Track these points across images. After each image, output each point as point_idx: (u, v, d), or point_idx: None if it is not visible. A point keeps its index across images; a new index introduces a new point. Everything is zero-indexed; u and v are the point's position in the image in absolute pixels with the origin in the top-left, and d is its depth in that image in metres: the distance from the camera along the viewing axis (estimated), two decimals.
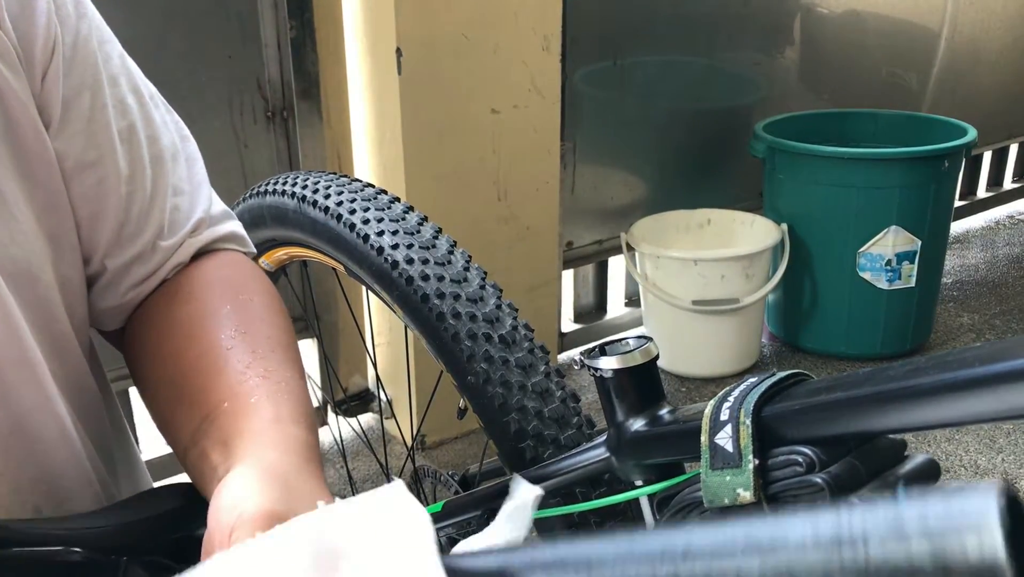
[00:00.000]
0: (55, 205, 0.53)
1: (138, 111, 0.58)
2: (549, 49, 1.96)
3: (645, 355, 0.54)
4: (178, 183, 0.60)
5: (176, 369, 0.55)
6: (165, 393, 0.56)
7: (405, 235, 0.73)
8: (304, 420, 0.50)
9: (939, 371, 0.37)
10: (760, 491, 0.43)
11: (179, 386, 0.54)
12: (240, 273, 0.61)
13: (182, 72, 1.67)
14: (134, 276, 0.59)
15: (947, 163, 2.33)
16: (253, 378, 0.51)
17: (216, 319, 0.56)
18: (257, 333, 0.55)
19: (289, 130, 1.85)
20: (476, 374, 0.65)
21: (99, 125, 0.55)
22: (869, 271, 2.37)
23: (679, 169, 2.62)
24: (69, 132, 0.54)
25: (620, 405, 0.55)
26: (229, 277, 0.60)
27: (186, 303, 0.58)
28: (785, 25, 2.71)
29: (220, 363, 0.53)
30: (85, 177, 0.55)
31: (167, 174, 0.59)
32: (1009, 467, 2.00)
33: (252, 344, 0.54)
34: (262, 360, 0.53)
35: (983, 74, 3.29)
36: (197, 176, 0.62)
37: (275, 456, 0.45)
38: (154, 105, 0.60)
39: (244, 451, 0.46)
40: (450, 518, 0.69)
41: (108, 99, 0.55)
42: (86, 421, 0.57)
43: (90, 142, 0.55)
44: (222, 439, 0.49)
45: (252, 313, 0.57)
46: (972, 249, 3.30)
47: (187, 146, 0.62)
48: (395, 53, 1.76)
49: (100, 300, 0.59)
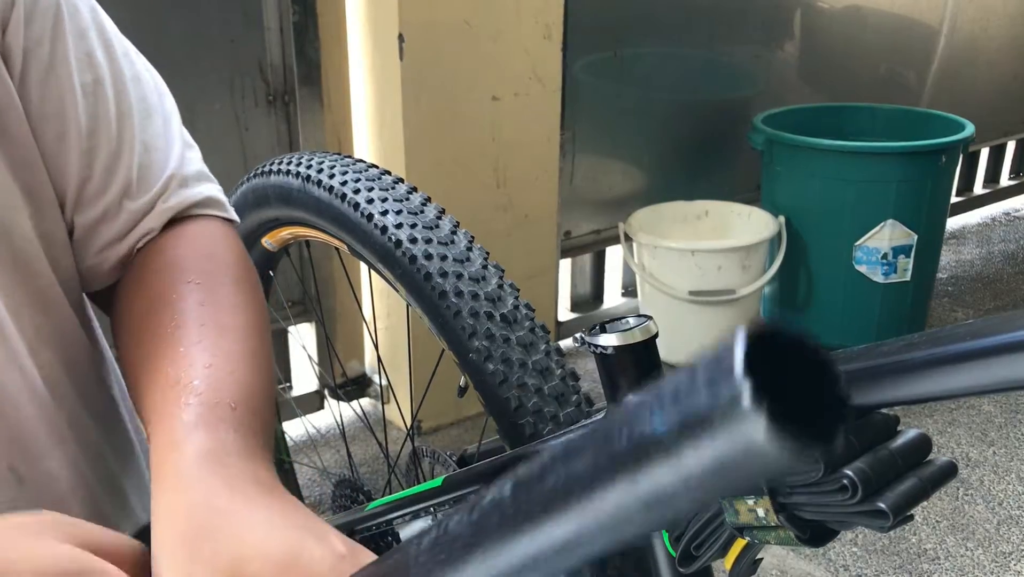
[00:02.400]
0: (30, 159, 0.52)
1: (107, 65, 0.56)
2: (550, 38, 1.96)
3: (645, 333, 0.55)
4: (151, 139, 0.58)
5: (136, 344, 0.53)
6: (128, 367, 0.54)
7: (409, 215, 0.74)
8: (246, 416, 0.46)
9: (931, 346, 0.38)
10: None
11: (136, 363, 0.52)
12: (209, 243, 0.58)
13: (183, 55, 1.67)
14: (103, 236, 0.57)
15: (944, 158, 2.34)
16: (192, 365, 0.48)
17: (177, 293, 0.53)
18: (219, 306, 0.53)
19: (290, 114, 1.85)
20: (477, 351, 0.66)
21: (59, 77, 0.54)
22: (865, 264, 2.39)
23: (678, 160, 2.62)
24: (28, 83, 0.53)
25: (620, 382, 0.55)
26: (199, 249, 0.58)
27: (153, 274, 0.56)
28: (785, 19, 2.72)
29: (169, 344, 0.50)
30: (45, 129, 0.53)
31: (135, 129, 0.57)
32: (1000, 459, 2.02)
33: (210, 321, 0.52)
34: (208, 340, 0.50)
35: (982, 71, 3.30)
36: (172, 133, 0.60)
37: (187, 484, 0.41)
38: (128, 61, 0.58)
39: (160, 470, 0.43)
40: (449, 493, 0.70)
41: (71, 52, 0.54)
42: (74, 375, 0.57)
43: (49, 94, 0.53)
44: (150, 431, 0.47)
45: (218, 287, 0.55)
46: (968, 245, 3.32)
47: (164, 102, 0.60)
48: (397, 39, 1.76)
49: (77, 259, 0.58)
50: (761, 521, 0.45)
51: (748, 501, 0.45)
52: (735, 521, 0.46)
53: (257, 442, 0.45)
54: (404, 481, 0.95)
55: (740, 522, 0.46)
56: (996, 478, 1.96)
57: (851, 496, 0.41)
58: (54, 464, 0.55)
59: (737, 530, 0.47)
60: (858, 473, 0.41)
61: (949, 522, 1.82)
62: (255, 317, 0.54)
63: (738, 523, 0.46)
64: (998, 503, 1.88)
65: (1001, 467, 2.00)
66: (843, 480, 0.41)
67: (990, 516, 1.84)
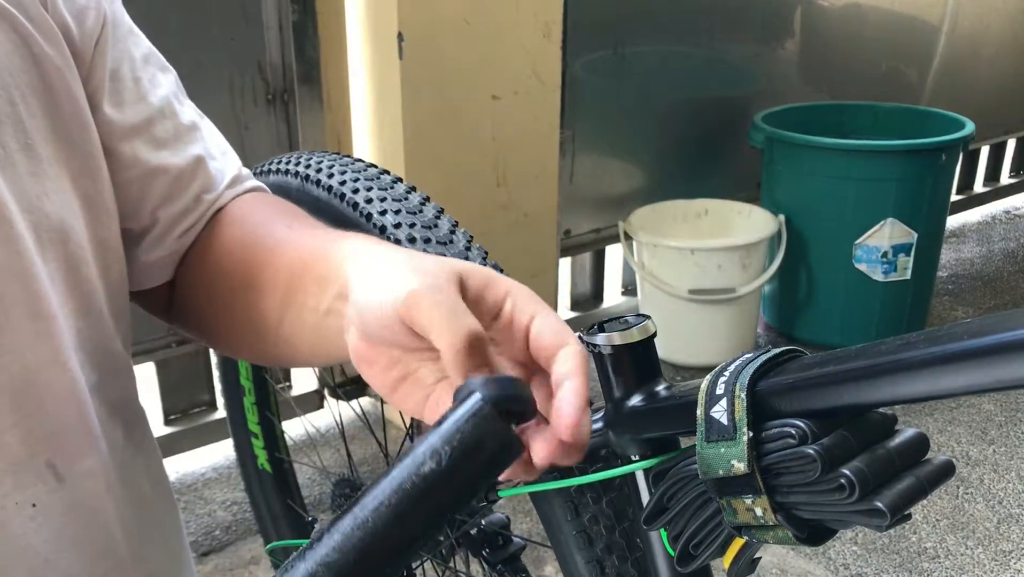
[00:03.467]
0: (91, 168, 0.56)
1: (169, 88, 0.64)
2: (550, 36, 1.96)
3: (643, 332, 0.55)
4: (210, 149, 0.66)
5: (243, 276, 0.61)
6: (239, 305, 0.61)
7: (408, 214, 0.74)
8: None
9: (929, 345, 0.38)
10: (753, 462, 0.44)
11: (250, 287, 0.60)
12: (275, 200, 0.69)
13: (183, 53, 1.67)
14: (181, 226, 0.64)
15: (944, 156, 2.34)
16: (320, 237, 0.58)
17: (269, 223, 0.63)
18: (311, 222, 0.63)
19: (289, 113, 1.85)
20: None
21: (141, 94, 0.61)
22: (865, 263, 2.39)
23: (678, 159, 2.62)
24: (117, 99, 0.59)
25: (618, 381, 0.55)
26: (267, 201, 0.68)
27: (233, 225, 0.64)
28: (786, 17, 2.71)
29: (285, 244, 0.59)
30: (136, 138, 0.60)
31: (202, 140, 0.65)
32: (1000, 458, 2.02)
33: (310, 224, 0.62)
34: (323, 229, 0.60)
35: (982, 69, 3.30)
36: (222, 144, 0.69)
37: (386, 247, 0.52)
38: (178, 86, 0.66)
39: (351, 265, 0.52)
40: None
41: (143, 73, 0.61)
42: (106, 384, 0.59)
43: (136, 108, 0.60)
44: (315, 282, 0.54)
45: (298, 216, 0.64)
46: (968, 243, 3.32)
47: (205, 121, 0.68)
48: (397, 38, 1.76)
49: (149, 252, 0.64)
50: (759, 520, 0.45)
51: (746, 500, 0.45)
52: (733, 520, 0.46)
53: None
54: None
55: (738, 521, 0.46)
56: (996, 476, 1.96)
57: (848, 495, 0.41)
58: (90, 464, 0.56)
59: (735, 529, 0.47)
60: (855, 472, 0.41)
61: (949, 520, 1.82)
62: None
63: (736, 522, 0.46)
64: (998, 501, 1.88)
65: (1001, 465, 2.00)
66: (840, 479, 0.41)
67: (990, 514, 1.84)
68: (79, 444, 0.55)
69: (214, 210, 0.65)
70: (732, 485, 0.45)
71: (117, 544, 0.58)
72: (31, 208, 0.52)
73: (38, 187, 0.52)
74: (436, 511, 0.39)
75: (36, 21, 0.52)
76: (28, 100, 0.52)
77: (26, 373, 0.52)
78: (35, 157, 0.52)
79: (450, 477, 0.39)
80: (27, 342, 0.51)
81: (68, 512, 0.55)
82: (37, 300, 0.52)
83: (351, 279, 0.50)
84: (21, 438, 0.52)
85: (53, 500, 0.54)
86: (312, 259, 0.56)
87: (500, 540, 0.80)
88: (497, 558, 0.79)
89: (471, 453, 0.40)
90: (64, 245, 0.54)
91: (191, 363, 1.97)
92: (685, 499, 0.50)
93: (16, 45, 0.51)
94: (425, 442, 0.40)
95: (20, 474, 0.52)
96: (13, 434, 0.52)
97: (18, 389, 0.51)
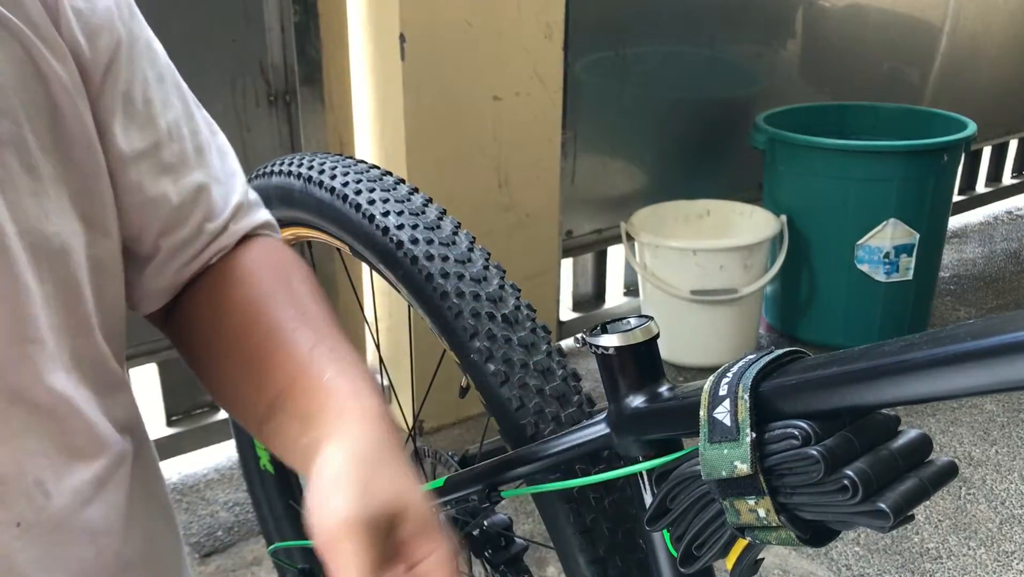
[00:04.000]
0: (91, 190, 0.56)
1: (181, 108, 0.63)
2: (552, 37, 1.96)
3: (646, 333, 0.55)
4: (216, 173, 0.65)
5: (239, 349, 0.61)
6: (230, 372, 0.62)
7: (410, 215, 0.74)
8: (375, 392, 0.57)
9: (932, 346, 0.38)
10: (756, 463, 0.44)
11: (245, 366, 0.60)
12: (282, 257, 0.67)
13: (184, 54, 1.66)
14: (184, 256, 0.64)
15: (946, 157, 2.34)
16: (321, 357, 0.58)
17: (275, 301, 0.62)
18: (314, 315, 0.61)
19: (291, 114, 1.85)
20: (478, 352, 0.66)
21: (151, 117, 0.60)
22: (867, 263, 2.39)
23: (679, 159, 2.62)
24: (126, 123, 0.58)
25: (621, 382, 0.55)
26: (275, 261, 0.66)
27: (240, 286, 0.63)
28: (787, 17, 2.71)
29: (287, 345, 0.59)
30: (142, 164, 0.59)
31: (208, 165, 0.64)
32: (1002, 458, 2.02)
33: (313, 325, 0.60)
34: (325, 340, 0.59)
35: (984, 69, 3.30)
36: (230, 166, 0.67)
37: (360, 431, 0.53)
38: (195, 103, 0.65)
39: (331, 427, 0.53)
40: (451, 493, 0.70)
41: (155, 94, 0.61)
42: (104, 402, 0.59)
43: (145, 132, 0.59)
44: (300, 415, 0.55)
45: (304, 295, 0.63)
46: (970, 244, 3.31)
47: (217, 139, 0.67)
48: (398, 39, 1.76)
49: (152, 280, 0.64)
50: (762, 521, 0.45)
51: (749, 501, 0.45)
52: (736, 521, 0.46)
53: (383, 406, 0.56)
54: None
55: (741, 522, 0.46)
56: (999, 477, 1.96)
57: (851, 496, 0.41)
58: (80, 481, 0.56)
59: (738, 530, 0.47)
60: (859, 473, 0.41)
61: (952, 521, 1.82)
62: (335, 315, 0.64)
63: (739, 523, 0.46)
64: (1000, 502, 1.88)
65: (1004, 466, 2.00)
66: (843, 480, 0.41)
67: (993, 515, 1.84)
68: (69, 462, 0.55)
69: (219, 246, 0.65)
70: (735, 486, 0.45)
71: (106, 563, 0.58)
72: (30, 229, 0.52)
73: (38, 208, 0.52)
74: None
75: (47, 39, 0.53)
76: (33, 119, 0.52)
77: (10, 394, 0.52)
78: (37, 177, 0.52)
79: None
80: (11, 364, 0.51)
81: (55, 531, 0.54)
82: (25, 322, 0.52)
83: (313, 466, 0.52)
84: (8, 456, 0.52)
85: (40, 518, 0.53)
86: (303, 390, 0.57)
87: (502, 541, 0.80)
88: (499, 559, 0.79)
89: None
90: (63, 266, 0.54)
91: None
92: (688, 500, 0.50)
93: (24, 62, 0.52)
94: None
95: (5, 493, 0.52)
96: (3, 452, 0.52)
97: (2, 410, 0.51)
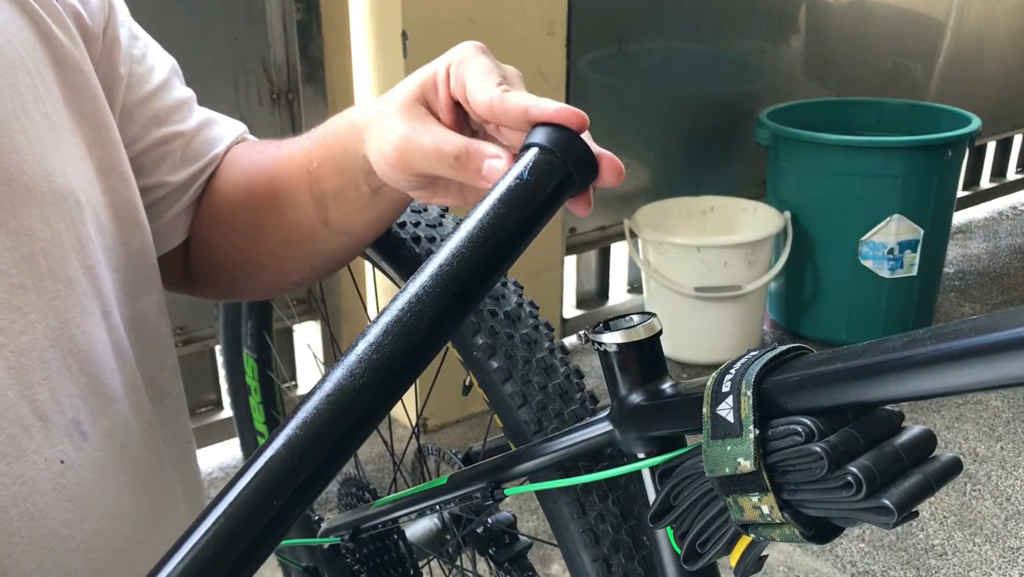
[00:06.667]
0: (103, 140, 0.60)
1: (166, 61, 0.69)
2: (554, 34, 1.96)
3: (649, 330, 0.55)
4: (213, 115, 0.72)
5: (265, 190, 0.67)
6: (271, 218, 0.67)
7: (412, 213, 0.74)
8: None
9: (936, 342, 0.37)
10: (760, 460, 0.44)
11: (275, 196, 0.66)
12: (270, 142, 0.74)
13: (187, 53, 1.67)
14: (196, 184, 0.69)
15: (951, 152, 2.33)
16: (314, 137, 0.67)
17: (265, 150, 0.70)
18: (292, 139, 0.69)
19: (294, 113, 1.85)
20: (481, 349, 0.66)
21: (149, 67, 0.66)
22: (871, 259, 2.38)
23: (683, 156, 2.62)
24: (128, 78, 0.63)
25: (623, 379, 0.55)
26: (255, 142, 0.75)
27: (237, 161, 0.70)
28: (791, 13, 2.71)
29: (296, 146, 0.67)
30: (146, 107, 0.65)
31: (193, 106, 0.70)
32: (1008, 454, 2.01)
33: (294, 140, 0.69)
34: (309, 134, 0.67)
35: (988, 64, 3.29)
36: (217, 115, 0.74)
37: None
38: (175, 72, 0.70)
39: (357, 110, 0.63)
40: (454, 491, 0.70)
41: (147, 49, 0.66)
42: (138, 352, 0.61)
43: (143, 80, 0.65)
44: (335, 167, 0.63)
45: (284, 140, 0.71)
46: (975, 239, 3.31)
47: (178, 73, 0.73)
48: (401, 36, 1.76)
49: (164, 214, 0.68)
50: (766, 518, 0.44)
51: (752, 498, 0.45)
52: (740, 518, 0.46)
53: None
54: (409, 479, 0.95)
55: (745, 519, 0.46)
56: (1004, 473, 1.95)
57: (855, 493, 0.40)
58: (112, 424, 0.57)
59: (742, 527, 0.47)
60: (862, 470, 0.40)
61: (957, 518, 1.82)
62: None
63: (743, 520, 0.46)
64: (1006, 498, 1.87)
65: (1009, 462, 1.99)
66: (847, 477, 0.41)
67: (998, 512, 1.83)
68: (103, 403, 0.56)
69: (217, 163, 0.70)
70: (738, 483, 0.45)
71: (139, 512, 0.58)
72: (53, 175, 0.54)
73: (58, 155, 0.55)
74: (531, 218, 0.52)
75: (43, 4, 0.56)
76: (43, 72, 0.55)
77: (64, 327, 0.53)
78: (54, 126, 0.55)
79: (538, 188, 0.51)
80: (49, 302, 0.53)
81: (93, 470, 0.55)
82: (59, 262, 0.54)
83: (367, 149, 0.60)
84: (48, 394, 0.52)
85: (80, 457, 0.54)
86: (320, 154, 0.64)
87: (506, 539, 0.80)
88: (503, 557, 0.79)
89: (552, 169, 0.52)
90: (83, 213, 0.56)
91: (197, 363, 1.98)
92: (691, 497, 0.49)
93: (25, 23, 0.54)
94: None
95: (48, 430, 0.52)
96: (43, 388, 0.52)
97: (43, 350, 0.52)
